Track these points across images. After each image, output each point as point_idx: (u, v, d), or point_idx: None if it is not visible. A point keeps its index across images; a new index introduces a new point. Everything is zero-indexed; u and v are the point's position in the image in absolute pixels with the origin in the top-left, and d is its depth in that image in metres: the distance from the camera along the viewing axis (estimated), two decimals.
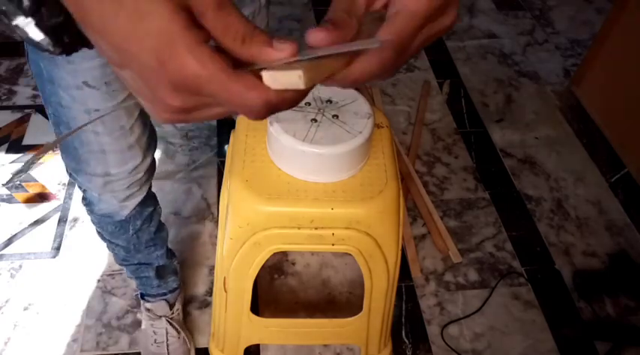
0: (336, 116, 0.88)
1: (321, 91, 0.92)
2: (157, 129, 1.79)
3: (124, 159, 0.87)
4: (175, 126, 1.82)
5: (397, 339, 1.34)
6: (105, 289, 1.40)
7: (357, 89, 0.96)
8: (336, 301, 1.40)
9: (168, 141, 1.78)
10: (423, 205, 1.60)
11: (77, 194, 1.58)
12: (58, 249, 1.48)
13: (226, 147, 1.60)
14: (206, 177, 1.68)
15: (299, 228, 0.87)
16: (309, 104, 0.90)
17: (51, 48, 0.36)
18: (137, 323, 1.34)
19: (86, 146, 0.83)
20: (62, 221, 1.54)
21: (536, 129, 1.90)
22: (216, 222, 1.53)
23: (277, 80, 0.29)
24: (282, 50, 0.29)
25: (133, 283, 1.38)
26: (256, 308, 1.34)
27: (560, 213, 1.64)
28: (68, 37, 0.36)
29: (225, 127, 1.83)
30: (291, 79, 0.29)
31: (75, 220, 1.54)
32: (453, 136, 1.85)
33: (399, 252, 0.96)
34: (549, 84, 2.08)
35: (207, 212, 1.59)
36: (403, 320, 1.38)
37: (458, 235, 1.56)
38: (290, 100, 0.30)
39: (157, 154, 1.73)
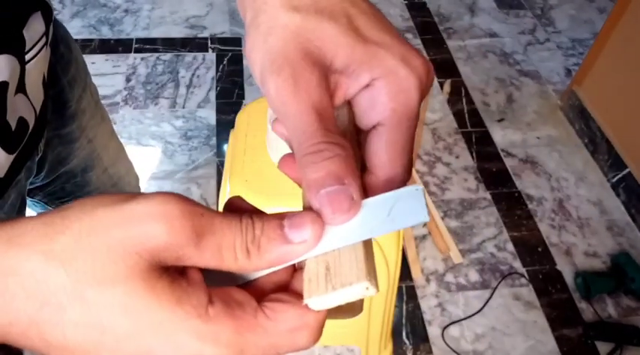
0: None
1: None
2: (155, 128, 1.80)
3: None
4: (174, 125, 1.82)
5: (398, 340, 1.33)
6: None
7: None
8: None
9: (167, 141, 1.77)
10: None
11: None
12: None
13: (226, 147, 1.60)
14: (205, 177, 1.67)
15: None
16: None
17: None
18: None
19: None
20: None
21: (538, 129, 1.89)
22: None
23: (332, 302, 0.22)
24: (304, 241, 0.22)
25: None
26: None
27: (562, 213, 1.64)
28: None
29: (225, 127, 1.82)
30: (355, 293, 0.22)
31: None
32: (453, 136, 1.85)
33: (400, 253, 0.96)
34: (550, 83, 2.07)
35: None
36: (404, 320, 1.37)
37: (459, 235, 1.55)
38: None
39: (157, 154, 1.73)
